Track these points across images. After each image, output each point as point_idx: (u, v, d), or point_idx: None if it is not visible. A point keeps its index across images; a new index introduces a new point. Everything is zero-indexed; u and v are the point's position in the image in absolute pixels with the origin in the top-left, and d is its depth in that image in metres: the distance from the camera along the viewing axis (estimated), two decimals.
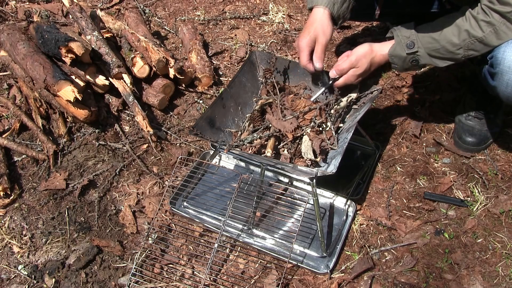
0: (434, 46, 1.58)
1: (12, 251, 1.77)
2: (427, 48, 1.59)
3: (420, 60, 1.63)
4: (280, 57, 1.92)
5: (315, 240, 1.73)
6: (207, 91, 2.38)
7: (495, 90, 1.64)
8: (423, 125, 2.12)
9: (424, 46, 1.60)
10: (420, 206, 1.85)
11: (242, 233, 1.76)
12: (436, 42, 1.57)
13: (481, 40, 1.51)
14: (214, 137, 1.73)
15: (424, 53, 1.61)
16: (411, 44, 1.60)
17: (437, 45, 1.58)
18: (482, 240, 1.73)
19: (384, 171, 1.98)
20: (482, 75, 1.73)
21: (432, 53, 1.60)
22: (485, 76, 1.69)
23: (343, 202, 1.84)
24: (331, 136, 1.71)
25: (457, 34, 1.53)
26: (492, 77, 1.62)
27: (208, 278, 1.62)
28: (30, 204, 1.91)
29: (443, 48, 1.57)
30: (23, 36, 2.23)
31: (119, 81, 2.21)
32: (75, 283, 1.68)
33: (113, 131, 2.19)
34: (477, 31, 1.50)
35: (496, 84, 1.61)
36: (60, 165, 2.04)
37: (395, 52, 1.63)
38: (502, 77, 1.55)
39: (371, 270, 1.67)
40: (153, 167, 2.07)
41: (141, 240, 1.80)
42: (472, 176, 1.93)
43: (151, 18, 2.85)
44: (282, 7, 2.90)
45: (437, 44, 1.57)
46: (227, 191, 1.89)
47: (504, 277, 1.62)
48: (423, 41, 1.59)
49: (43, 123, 2.14)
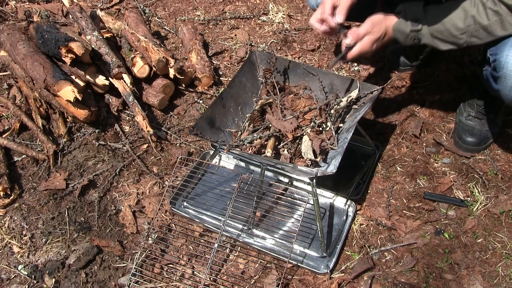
0: (438, 28, 1.57)
1: (12, 251, 1.77)
2: (431, 28, 1.58)
3: (422, 39, 1.62)
4: (280, 57, 1.92)
5: (315, 240, 1.73)
6: (207, 91, 2.38)
7: (498, 94, 1.64)
8: (423, 125, 2.12)
9: (429, 26, 1.58)
10: (420, 206, 1.85)
11: (242, 233, 1.76)
12: (441, 24, 1.56)
13: (486, 28, 1.50)
14: (214, 137, 1.73)
15: (427, 32, 1.60)
16: (415, 22, 1.59)
17: (441, 27, 1.56)
18: (482, 240, 1.73)
19: (384, 171, 1.98)
20: (485, 77, 1.72)
21: (435, 34, 1.59)
22: (488, 79, 1.69)
23: (343, 202, 1.84)
24: (331, 136, 1.71)
25: (463, 18, 1.51)
26: (495, 81, 1.62)
27: (208, 278, 1.62)
28: (30, 204, 1.91)
29: (447, 31, 1.56)
30: (23, 36, 2.23)
31: (119, 81, 2.21)
32: (75, 283, 1.68)
33: (113, 131, 2.19)
34: (483, 18, 1.49)
35: (499, 87, 1.60)
36: (60, 165, 2.04)
37: (399, 27, 1.63)
38: (506, 81, 1.55)
39: (371, 270, 1.67)
40: (153, 167, 2.07)
41: (141, 240, 1.80)
42: (472, 176, 1.93)
43: (151, 18, 2.85)
44: (282, 7, 2.90)
45: (441, 26, 1.56)
46: (227, 191, 1.89)
47: (504, 277, 1.62)
48: (429, 20, 1.58)
49: (43, 123, 2.14)
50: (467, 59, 2.38)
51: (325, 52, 2.58)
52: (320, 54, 2.57)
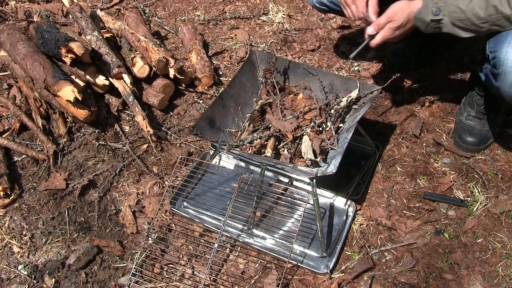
0: (459, 17, 1.54)
1: (12, 251, 1.77)
2: (452, 17, 1.56)
3: (443, 28, 1.60)
4: (280, 57, 1.92)
5: (315, 240, 1.73)
6: (207, 91, 2.38)
7: (498, 91, 1.63)
8: (423, 125, 2.12)
9: (450, 15, 1.55)
10: (420, 206, 1.85)
11: (242, 233, 1.76)
12: (462, 13, 1.53)
13: (509, 18, 1.48)
14: (214, 137, 1.73)
15: (448, 21, 1.57)
16: (437, 10, 1.56)
17: (463, 16, 1.53)
18: (482, 240, 1.73)
19: (384, 171, 1.98)
20: (485, 75, 1.72)
21: (456, 22, 1.56)
22: (488, 76, 1.68)
23: (343, 202, 1.84)
24: (331, 136, 1.71)
25: (484, 7, 1.49)
26: (495, 78, 1.62)
27: (208, 278, 1.62)
28: (30, 204, 1.91)
29: (468, 20, 1.53)
30: (23, 36, 2.23)
31: (119, 81, 2.21)
32: (75, 283, 1.68)
33: (113, 131, 2.19)
34: (505, 8, 1.47)
35: (499, 84, 1.60)
36: (60, 165, 2.04)
37: (420, 15, 1.60)
38: (505, 77, 1.55)
39: (371, 270, 1.67)
40: (153, 167, 2.07)
41: (141, 240, 1.80)
42: (472, 176, 1.93)
43: (151, 18, 2.85)
44: (282, 7, 2.90)
45: (462, 15, 1.53)
46: (227, 191, 1.89)
47: (504, 277, 1.62)
48: (450, 10, 1.54)
49: (43, 123, 2.14)
50: (467, 59, 2.38)
51: (325, 52, 2.58)
52: (320, 54, 2.57)
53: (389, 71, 2.40)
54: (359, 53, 1.77)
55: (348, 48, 2.54)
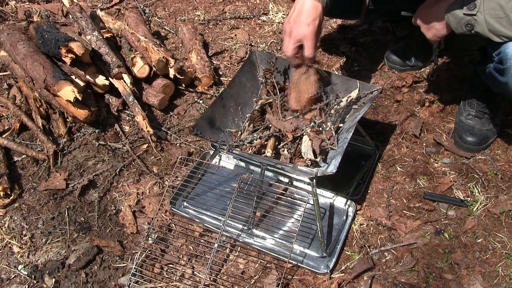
0: (497, 14, 1.44)
1: (12, 251, 1.77)
2: (489, 14, 1.45)
3: (476, 26, 1.49)
4: (280, 57, 1.92)
5: (315, 240, 1.73)
6: (207, 91, 2.38)
7: (506, 87, 1.59)
8: (423, 125, 2.12)
9: (486, 11, 1.45)
10: (420, 206, 1.85)
11: (242, 233, 1.76)
12: (500, 10, 1.42)
13: None
14: (214, 137, 1.73)
15: (482, 19, 1.47)
16: (472, 5, 1.46)
17: (501, 13, 1.43)
18: (482, 240, 1.73)
19: (384, 171, 1.98)
20: (488, 75, 1.71)
21: (491, 21, 1.46)
22: (492, 74, 1.66)
23: (343, 202, 1.84)
24: (331, 136, 1.71)
25: None
26: (502, 74, 1.58)
27: (208, 278, 1.62)
28: (30, 204, 1.91)
29: (507, 18, 1.43)
30: (23, 36, 2.23)
31: (119, 81, 2.21)
32: (75, 283, 1.68)
33: (113, 131, 2.19)
34: None
35: (507, 79, 1.56)
36: (60, 165, 2.04)
37: (452, 9, 1.52)
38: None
39: (371, 270, 1.67)
40: (153, 167, 2.07)
41: (141, 240, 1.80)
42: (472, 176, 1.93)
43: (151, 18, 2.85)
44: (282, 7, 2.90)
45: (501, 12, 1.43)
46: (227, 191, 1.89)
47: (504, 277, 1.62)
48: (487, 6, 1.45)
49: (43, 123, 2.14)
50: (467, 59, 2.38)
51: (325, 52, 2.58)
52: (320, 54, 2.57)
53: (389, 71, 2.41)
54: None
55: (349, 48, 2.54)
